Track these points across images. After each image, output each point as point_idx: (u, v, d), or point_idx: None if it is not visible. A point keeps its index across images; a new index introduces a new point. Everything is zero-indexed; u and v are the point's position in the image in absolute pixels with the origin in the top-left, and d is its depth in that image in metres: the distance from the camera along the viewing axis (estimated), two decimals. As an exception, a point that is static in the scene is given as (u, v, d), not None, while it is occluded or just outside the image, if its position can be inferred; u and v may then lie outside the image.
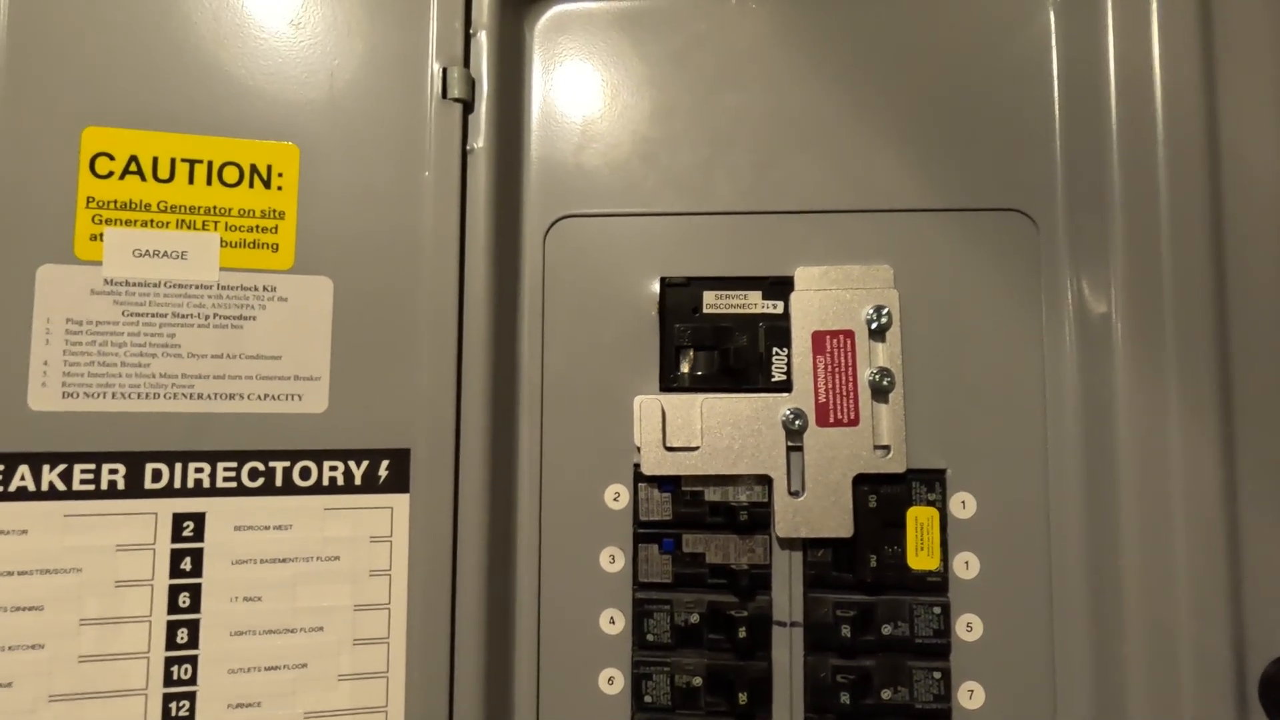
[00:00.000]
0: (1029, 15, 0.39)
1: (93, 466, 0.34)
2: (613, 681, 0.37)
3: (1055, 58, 0.38)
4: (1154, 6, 0.35)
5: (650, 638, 0.37)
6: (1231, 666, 0.32)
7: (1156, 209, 0.34)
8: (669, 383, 0.38)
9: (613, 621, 0.38)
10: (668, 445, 0.37)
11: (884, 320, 0.37)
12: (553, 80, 0.41)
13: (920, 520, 0.37)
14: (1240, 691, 0.32)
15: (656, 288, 0.39)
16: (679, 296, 0.39)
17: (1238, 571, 0.33)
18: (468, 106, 0.38)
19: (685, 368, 0.38)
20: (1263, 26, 0.35)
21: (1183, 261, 0.34)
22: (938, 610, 0.36)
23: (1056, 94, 0.38)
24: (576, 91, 0.40)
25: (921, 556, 0.37)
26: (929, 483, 0.37)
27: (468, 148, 0.38)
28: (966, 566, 0.37)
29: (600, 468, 0.38)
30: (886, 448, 0.37)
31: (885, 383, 0.37)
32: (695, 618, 0.37)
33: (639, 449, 0.38)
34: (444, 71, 0.38)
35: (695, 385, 0.38)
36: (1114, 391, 0.35)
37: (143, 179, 0.35)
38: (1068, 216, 0.37)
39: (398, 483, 0.36)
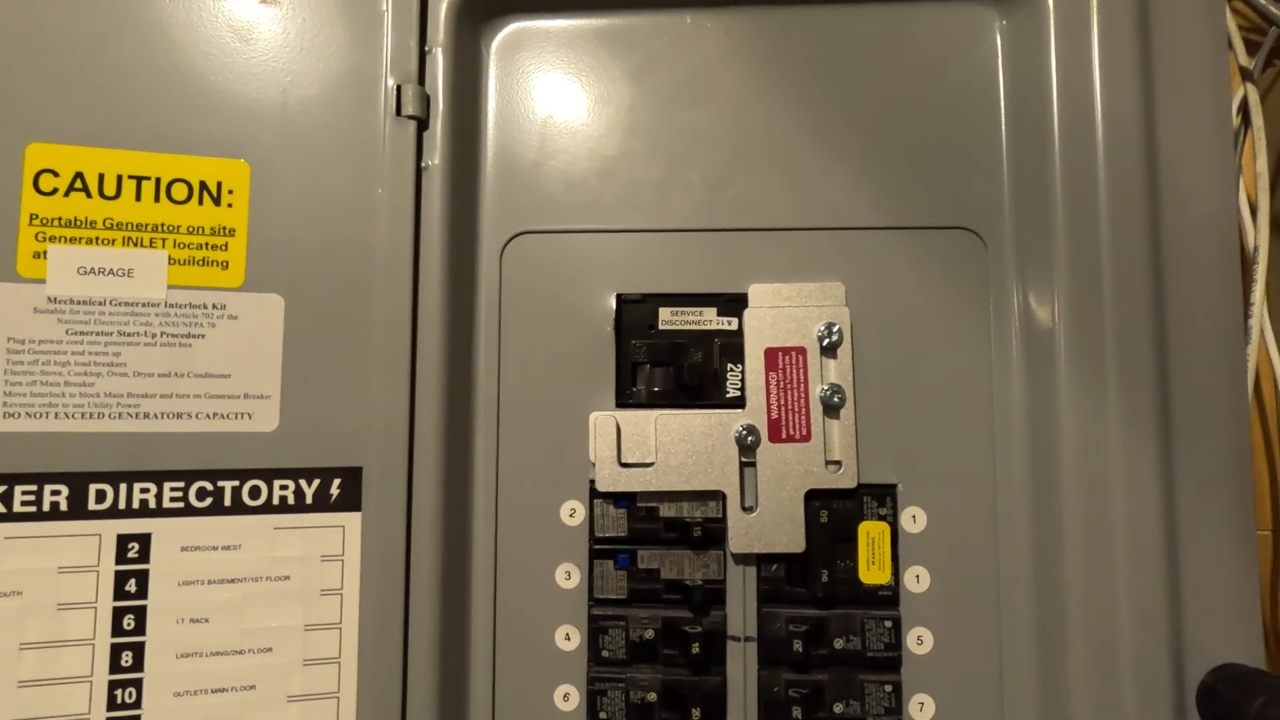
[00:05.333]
0: (977, 37, 0.40)
1: (34, 488, 0.33)
2: (568, 698, 0.37)
3: (1002, 79, 0.39)
4: (1094, 29, 0.36)
5: (605, 654, 0.37)
6: (1171, 676, 0.33)
7: (1097, 227, 0.35)
8: (625, 399, 0.38)
9: (568, 638, 0.38)
10: (623, 461, 0.38)
11: (835, 337, 0.38)
12: (509, 97, 0.41)
13: (871, 535, 0.37)
14: (1179, 701, 0.33)
15: (613, 304, 0.39)
16: (635, 313, 0.39)
17: (1176, 583, 0.34)
18: (423, 124, 0.38)
19: (641, 384, 0.39)
20: (1199, 49, 0.36)
21: (1122, 277, 0.35)
22: (889, 624, 0.37)
23: (1004, 115, 0.39)
24: (533, 108, 0.40)
25: (873, 571, 0.37)
26: (880, 497, 0.37)
27: (423, 165, 0.38)
28: (917, 580, 0.37)
29: (556, 484, 0.38)
30: (838, 463, 0.37)
31: (837, 399, 0.37)
32: (650, 633, 0.37)
33: (594, 465, 0.38)
34: (398, 89, 0.38)
35: (651, 401, 0.38)
36: (1057, 405, 0.35)
37: (88, 196, 0.35)
38: (1015, 235, 0.38)
39: (349, 501, 0.36)
